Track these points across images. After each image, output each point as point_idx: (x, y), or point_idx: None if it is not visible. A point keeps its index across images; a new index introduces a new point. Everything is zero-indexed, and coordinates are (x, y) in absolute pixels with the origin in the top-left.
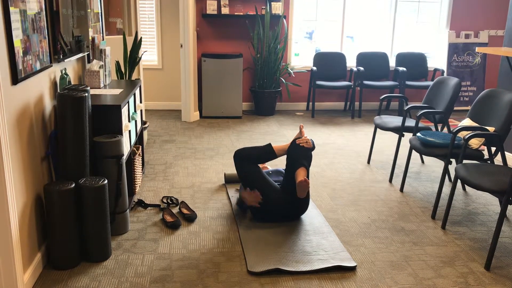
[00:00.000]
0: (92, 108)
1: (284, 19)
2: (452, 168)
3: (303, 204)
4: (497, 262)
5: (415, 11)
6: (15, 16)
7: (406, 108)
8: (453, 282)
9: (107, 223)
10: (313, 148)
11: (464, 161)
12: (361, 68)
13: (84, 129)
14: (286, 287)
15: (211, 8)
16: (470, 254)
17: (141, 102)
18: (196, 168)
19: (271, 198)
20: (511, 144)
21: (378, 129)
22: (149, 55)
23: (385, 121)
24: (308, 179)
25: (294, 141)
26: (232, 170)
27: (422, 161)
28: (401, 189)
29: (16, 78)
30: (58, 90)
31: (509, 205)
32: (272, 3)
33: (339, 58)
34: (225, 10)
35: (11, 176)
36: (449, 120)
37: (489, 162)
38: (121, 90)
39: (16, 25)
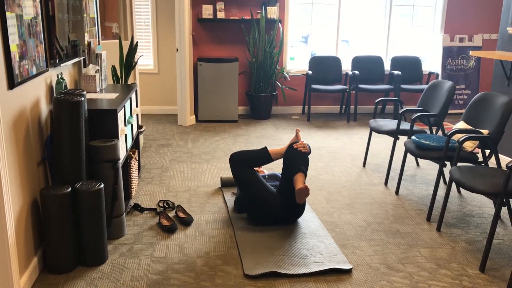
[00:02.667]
0: (88, 113)
1: (279, 23)
2: (446, 170)
3: (300, 208)
4: (492, 264)
5: (410, 15)
6: (11, 21)
7: (401, 111)
8: (448, 284)
9: (104, 227)
10: (309, 152)
11: (459, 164)
12: (356, 72)
13: (80, 133)
14: None
15: (207, 13)
16: (465, 256)
17: (137, 106)
18: (192, 172)
19: (268, 202)
20: (505, 146)
21: (373, 133)
22: (145, 60)
23: (380, 125)
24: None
25: (291, 145)
26: (228, 173)
27: (417, 164)
28: (397, 192)
29: (12, 82)
30: (54, 95)
31: (503, 207)
32: (267, 7)
33: (334, 62)
34: (220, 15)
35: (8, 180)
36: (444, 123)
37: (483, 164)
38: (117, 94)
39: (12, 30)
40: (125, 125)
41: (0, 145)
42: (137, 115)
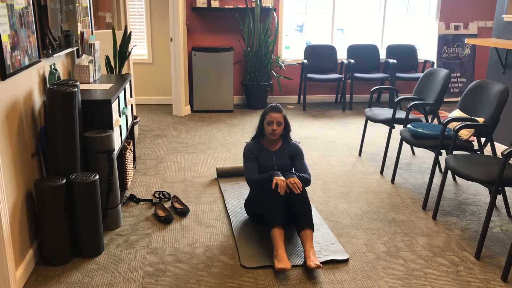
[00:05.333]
0: (82, 103)
1: (274, 12)
2: (442, 159)
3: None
4: (487, 251)
5: (405, 3)
6: (2, 11)
7: (396, 100)
8: (444, 272)
9: (99, 219)
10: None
11: (454, 152)
12: (352, 61)
13: (74, 125)
14: (279, 279)
15: (201, 2)
16: (460, 244)
17: (131, 96)
18: (188, 162)
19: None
20: (500, 134)
21: (369, 121)
22: (139, 49)
23: (376, 113)
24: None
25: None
26: (224, 164)
27: (413, 153)
28: (392, 181)
29: (4, 73)
30: (48, 86)
31: (498, 195)
32: None
33: (329, 50)
34: (215, 3)
35: (1, 172)
36: (439, 111)
37: (478, 152)
38: (111, 84)
39: (3, 20)
40: (120, 116)
41: None
42: (131, 105)
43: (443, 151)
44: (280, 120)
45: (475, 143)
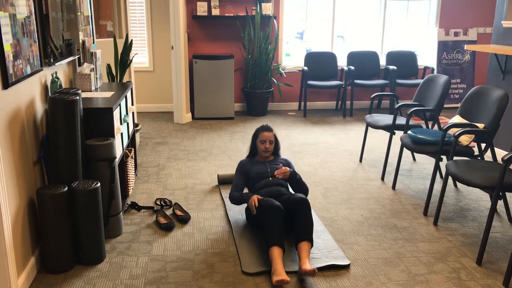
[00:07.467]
0: (83, 111)
1: (274, 20)
2: (443, 165)
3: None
4: (489, 257)
5: (405, 9)
6: (4, 20)
7: (397, 106)
8: (445, 278)
9: (101, 226)
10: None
11: (455, 158)
12: (352, 67)
13: (76, 132)
14: (280, 286)
15: (202, 10)
16: (462, 250)
17: (132, 104)
18: (189, 169)
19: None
20: (501, 140)
21: (369, 128)
22: (140, 57)
23: (376, 120)
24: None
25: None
26: (225, 171)
27: (414, 159)
28: (393, 187)
29: (6, 82)
30: (49, 94)
31: (499, 200)
32: (262, 3)
33: (330, 57)
34: (215, 12)
35: (3, 180)
36: (440, 117)
37: (479, 158)
38: (113, 92)
39: (5, 29)
40: (121, 124)
41: None
42: (132, 113)
43: (444, 157)
44: (272, 138)
45: (476, 149)
